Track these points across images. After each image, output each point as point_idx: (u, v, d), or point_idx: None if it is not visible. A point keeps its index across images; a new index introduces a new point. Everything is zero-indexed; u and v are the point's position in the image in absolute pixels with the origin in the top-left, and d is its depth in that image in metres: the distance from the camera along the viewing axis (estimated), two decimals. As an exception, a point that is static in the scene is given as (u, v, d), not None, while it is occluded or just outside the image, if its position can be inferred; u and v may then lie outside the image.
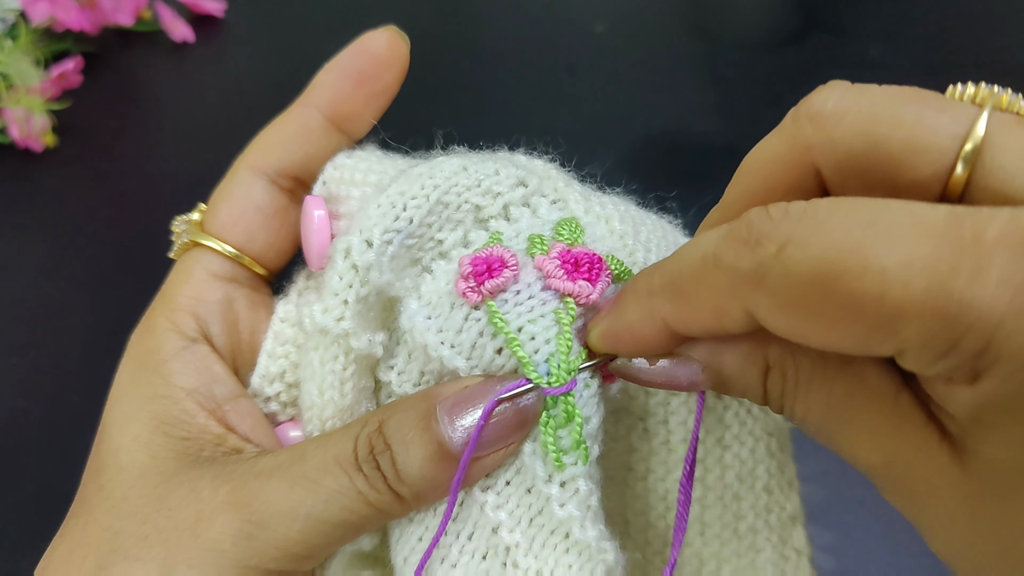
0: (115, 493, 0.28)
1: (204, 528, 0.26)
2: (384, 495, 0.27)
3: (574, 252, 0.27)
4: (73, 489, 0.30)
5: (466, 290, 0.27)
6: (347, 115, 0.33)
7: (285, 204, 0.33)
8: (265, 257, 0.33)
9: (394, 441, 0.27)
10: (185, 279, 0.32)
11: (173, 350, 0.31)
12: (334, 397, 0.29)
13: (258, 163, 0.33)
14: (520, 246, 0.28)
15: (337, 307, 0.28)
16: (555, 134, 0.70)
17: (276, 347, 0.32)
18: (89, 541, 0.28)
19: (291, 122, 0.33)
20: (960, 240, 0.18)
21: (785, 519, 0.32)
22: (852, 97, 0.22)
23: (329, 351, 0.29)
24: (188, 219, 0.34)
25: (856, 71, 0.75)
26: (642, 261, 0.29)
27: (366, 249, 0.28)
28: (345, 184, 0.32)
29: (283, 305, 0.33)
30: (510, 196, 0.30)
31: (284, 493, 0.26)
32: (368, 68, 0.33)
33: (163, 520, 0.27)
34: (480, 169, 0.30)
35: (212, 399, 0.30)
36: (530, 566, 0.27)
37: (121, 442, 0.29)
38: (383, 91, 0.33)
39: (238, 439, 0.30)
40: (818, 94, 0.23)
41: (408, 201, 0.29)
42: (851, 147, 0.22)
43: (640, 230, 0.31)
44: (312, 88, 0.34)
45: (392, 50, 0.33)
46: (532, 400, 0.26)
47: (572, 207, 0.30)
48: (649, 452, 0.33)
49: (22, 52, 0.71)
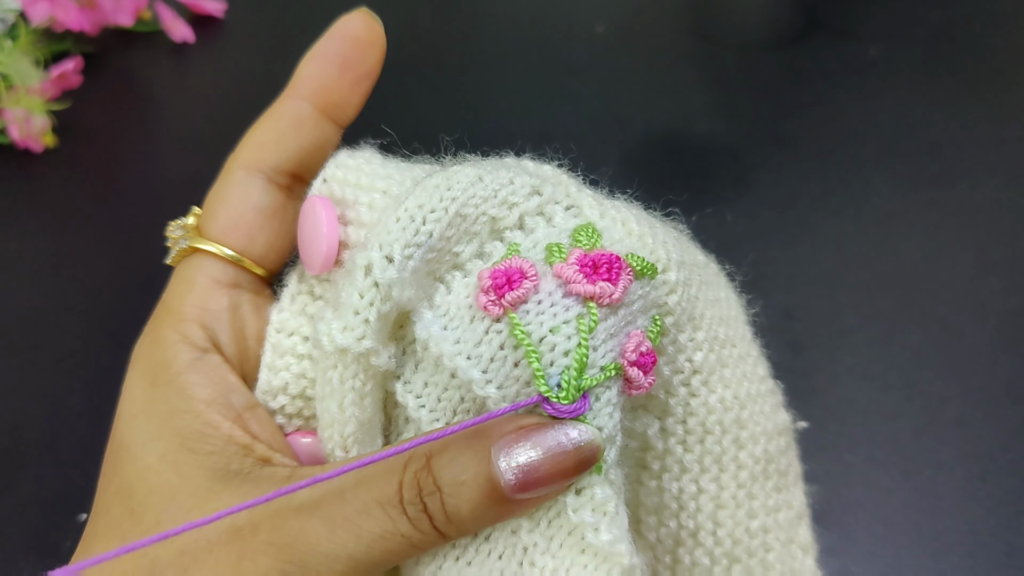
0: (147, 518, 0.28)
1: (247, 568, 0.26)
2: (428, 535, 0.26)
3: (592, 255, 0.27)
4: (73, 489, 0.30)
5: (487, 304, 0.27)
6: (336, 102, 0.32)
7: (283, 202, 0.32)
8: (267, 259, 0.32)
9: (444, 482, 0.26)
10: (188, 287, 0.31)
11: (186, 362, 0.30)
12: (355, 413, 0.29)
13: (253, 161, 0.32)
14: (538, 256, 0.28)
15: (359, 326, 0.27)
16: (555, 135, 0.70)
17: (276, 360, 0.32)
18: (124, 570, 0.27)
19: (282, 116, 0.32)
20: None
21: (792, 517, 0.32)
22: None
23: (349, 369, 0.28)
24: (183, 223, 0.32)
25: (856, 72, 0.75)
26: (664, 258, 0.29)
27: (387, 266, 0.27)
28: (351, 187, 0.31)
29: (277, 314, 0.32)
30: (525, 206, 0.29)
31: (325, 536, 0.26)
32: (350, 52, 0.32)
33: (203, 555, 0.26)
34: (495, 179, 0.29)
35: (232, 408, 0.30)
36: (546, 565, 0.26)
37: (147, 462, 0.28)
38: (368, 73, 0.33)
39: (265, 448, 0.29)
40: None
41: (428, 215, 0.28)
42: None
43: (656, 231, 0.30)
44: (297, 79, 0.33)
45: (370, 31, 0.32)
46: (593, 443, 0.26)
47: (587, 212, 0.30)
48: (665, 451, 0.33)
49: (22, 52, 0.71)
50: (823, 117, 0.71)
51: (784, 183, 0.66)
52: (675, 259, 0.30)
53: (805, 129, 0.70)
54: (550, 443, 0.25)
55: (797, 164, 0.68)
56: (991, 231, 0.63)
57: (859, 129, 0.70)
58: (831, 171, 0.67)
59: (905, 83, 0.74)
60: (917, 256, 0.61)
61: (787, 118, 0.71)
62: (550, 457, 0.25)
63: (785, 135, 0.70)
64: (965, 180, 0.66)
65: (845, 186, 0.66)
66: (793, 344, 0.56)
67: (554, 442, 0.25)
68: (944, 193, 0.66)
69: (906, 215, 0.64)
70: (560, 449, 0.25)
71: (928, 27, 0.79)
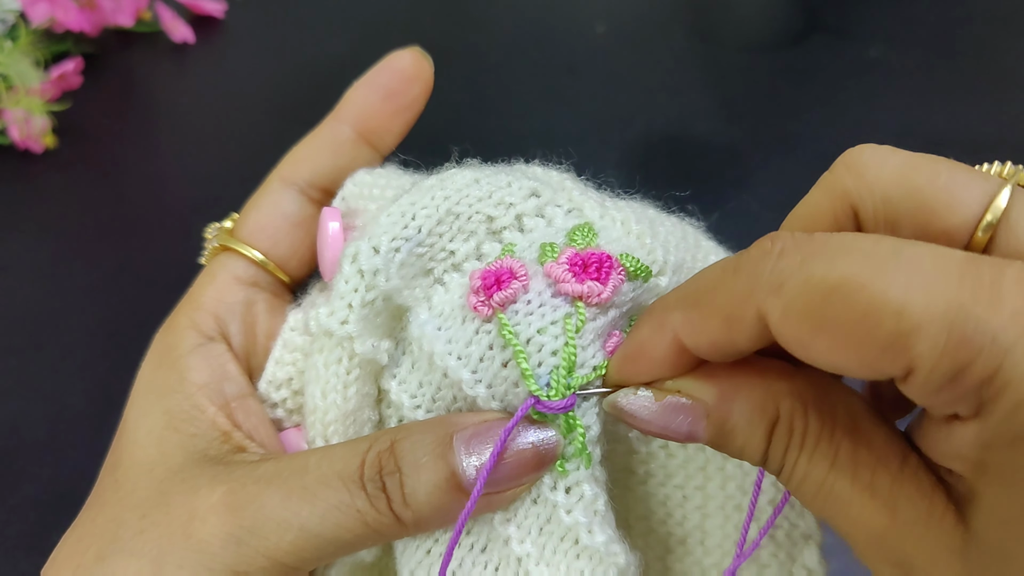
0: (125, 486, 0.29)
1: (196, 527, 0.26)
2: (384, 517, 0.26)
3: (583, 254, 0.27)
4: (72, 489, 0.31)
5: (476, 304, 0.27)
6: (375, 129, 0.35)
7: (312, 214, 0.34)
8: (289, 264, 0.34)
9: (405, 463, 0.26)
10: (210, 281, 0.33)
11: (190, 346, 0.31)
12: (337, 401, 0.29)
13: (289, 175, 0.34)
14: (532, 256, 0.28)
15: (342, 310, 0.28)
16: (555, 135, 0.70)
17: (284, 354, 0.33)
18: (96, 531, 0.28)
19: (322, 136, 0.35)
20: (978, 277, 0.19)
21: (797, 536, 0.32)
22: (889, 151, 0.24)
23: (333, 354, 0.29)
24: (220, 226, 0.35)
25: (856, 72, 0.75)
26: (661, 259, 0.29)
27: (372, 254, 0.28)
28: (364, 199, 0.33)
29: (294, 315, 0.33)
30: (523, 207, 0.30)
31: (279, 502, 0.26)
32: (395, 84, 0.34)
33: (160, 515, 0.27)
34: (492, 181, 0.30)
35: (221, 395, 0.31)
36: (542, 574, 0.26)
37: (136, 436, 0.30)
38: (410, 105, 0.35)
39: (242, 436, 0.30)
40: (855, 149, 0.25)
41: (418, 211, 0.29)
42: (887, 192, 0.24)
43: (658, 230, 0.30)
44: (342, 104, 0.35)
45: (417, 67, 0.35)
46: (552, 442, 0.26)
47: (587, 213, 0.30)
48: (649, 455, 0.33)
49: (22, 53, 0.71)
50: (823, 117, 0.71)
51: (784, 183, 0.66)
52: (672, 263, 0.30)
53: (805, 129, 0.70)
54: (511, 440, 0.26)
55: (797, 164, 0.68)
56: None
57: (859, 129, 0.70)
58: (831, 171, 0.67)
59: (905, 83, 0.74)
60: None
61: (787, 118, 0.71)
62: (514, 454, 0.26)
63: (785, 135, 0.70)
64: (965, 180, 0.66)
65: (845, 186, 0.66)
66: (793, 344, 0.56)
67: (515, 439, 0.26)
68: (944, 193, 0.66)
69: (906, 215, 0.64)
70: (520, 447, 0.26)
71: (928, 27, 0.80)
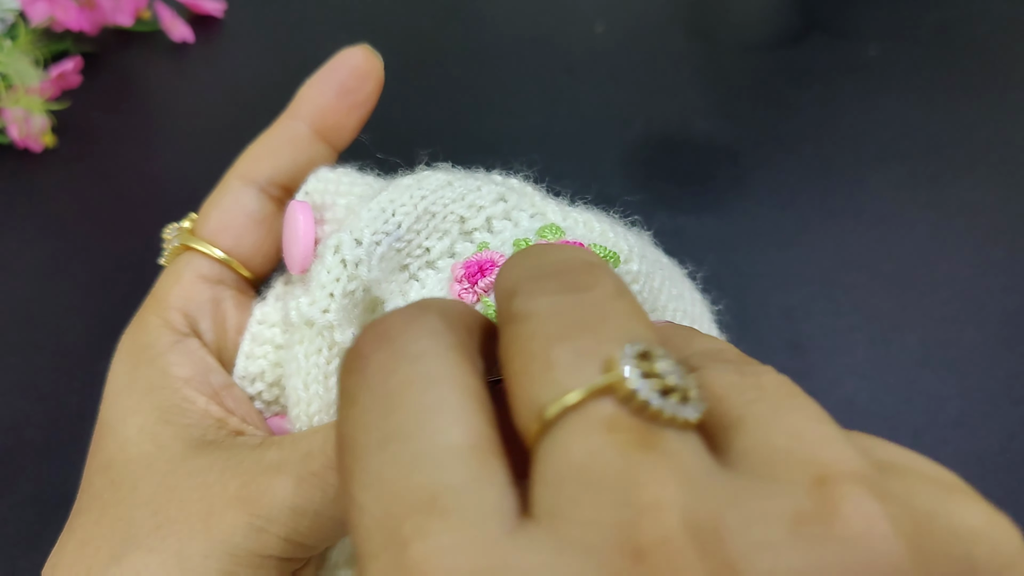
0: (125, 485, 0.29)
1: (216, 522, 0.27)
2: None
3: (557, 243, 0.29)
4: (73, 489, 0.30)
5: (461, 292, 0.28)
6: (332, 126, 0.36)
7: (273, 211, 0.35)
8: (252, 261, 0.35)
9: None
10: (175, 280, 0.34)
11: (167, 344, 0.32)
12: (319, 391, 0.30)
13: (247, 172, 0.35)
14: (507, 251, 0.30)
15: (323, 299, 0.29)
16: (554, 135, 0.70)
17: (254, 348, 0.33)
18: (103, 533, 0.28)
19: (278, 134, 0.35)
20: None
21: None
22: None
23: (314, 344, 0.30)
24: (179, 226, 0.35)
25: (856, 71, 0.75)
26: (626, 250, 0.31)
27: (355, 246, 0.29)
28: (330, 194, 0.34)
29: (260, 308, 0.34)
30: (492, 210, 0.32)
31: (292, 491, 0.27)
32: (348, 80, 0.35)
33: (174, 511, 0.27)
34: (464, 184, 0.32)
35: (209, 385, 0.32)
36: None
37: (127, 435, 0.30)
38: (364, 101, 0.36)
39: (238, 421, 0.31)
40: None
41: (398, 208, 0.30)
42: None
43: (618, 229, 0.32)
44: (296, 101, 0.36)
45: (369, 64, 0.35)
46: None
47: (550, 216, 0.32)
48: None
49: (21, 52, 0.71)
50: (822, 117, 0.71)
51: (783, 183, 0.66)
52: (637, 252, 0.31)
53: (804, 129, 0.70)
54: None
55: (796, 164, 0.68)
56: (991, 231, 0.63)
57: (858, 129, 0.70)
58: (830, 171, 0.67)
59: (904, 83, 0.74)
60: (916, 256, 0.62)
61: (786, 118, 0.71)
62: None
63: (784, 135, 0.70)
64: (964, 180, 0.66)
65: (844, 186, 0.66)
66: (792, 344, 0.57)
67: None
68: (943, 193, 0.66)
69: (905, 215, 0.64)
70: None
71: (928, 27, 0.79)
